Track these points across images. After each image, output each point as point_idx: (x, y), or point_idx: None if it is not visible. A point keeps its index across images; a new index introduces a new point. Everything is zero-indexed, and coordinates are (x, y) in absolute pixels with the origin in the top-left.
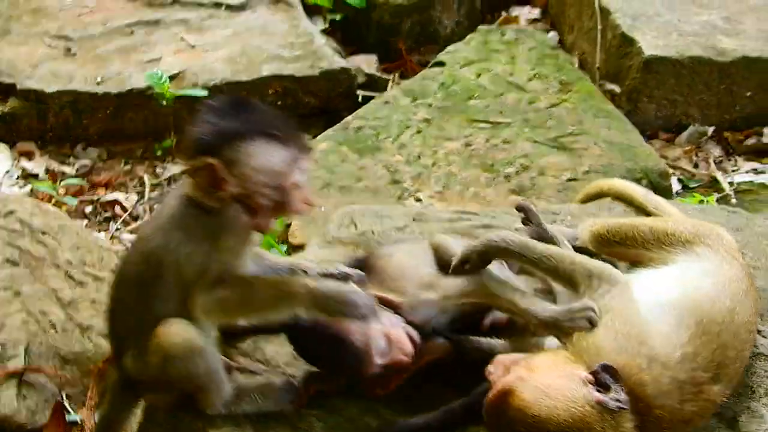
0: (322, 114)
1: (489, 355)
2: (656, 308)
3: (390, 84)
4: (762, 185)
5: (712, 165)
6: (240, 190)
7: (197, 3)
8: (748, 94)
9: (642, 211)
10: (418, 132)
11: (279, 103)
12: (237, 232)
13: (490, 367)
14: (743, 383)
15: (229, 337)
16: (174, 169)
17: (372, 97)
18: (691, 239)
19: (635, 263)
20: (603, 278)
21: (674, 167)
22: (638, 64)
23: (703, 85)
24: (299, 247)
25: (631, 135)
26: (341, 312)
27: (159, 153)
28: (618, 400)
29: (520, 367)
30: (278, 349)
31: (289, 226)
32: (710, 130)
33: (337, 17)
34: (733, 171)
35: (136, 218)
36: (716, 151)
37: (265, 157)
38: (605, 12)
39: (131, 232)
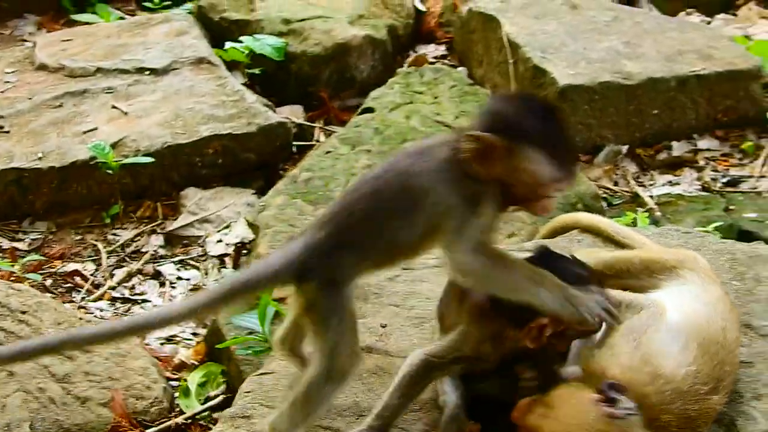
0: (262, 168)
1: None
2: (668, 332)
3: (317, 131)
4: (679, 196)
5: (631, 181)
6: (501, 175)
7: (120, 69)
8: (655, 112)
9: (611, 240)
10: None
11: (219, 161)
12: (493, 205)
13: (516, 413)
14: (734, 390)
15: None
16: (126, 235)
17: (305, 147)
18: (676, 265)
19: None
20: (631, 307)
21: (597, 186)
22: (553, 94)
23: (614, 107)
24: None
25: None
26: (578, 315)
27: (107, 221)
28: (626, 408)
29: (539, 406)
30: None
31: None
32: (624, 148)
33: (257, 71)
34: (651, 185)
35: (97, 286)
36: (632, 168)
37: (537, 165)
38: (514, 46)
39: (95, 300)
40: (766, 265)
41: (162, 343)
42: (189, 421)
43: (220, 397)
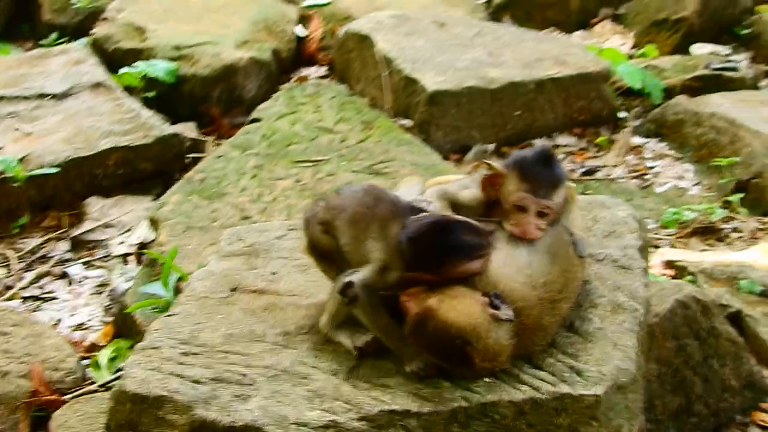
0: (158, 176)
1: None
2: (531, 250)
3: (208, 145)
4: None
5: None
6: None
7: (22, 96)
8: (517, 113)
9: None
10: (254, 176)
11: (119, 171)
12: None
13: (405, 297)
14: (576, 302)
15: None
16: (34, 242)
17: (198, 159)
18: None
19: None
20: None
21: None
22: (424, 99)
23: (480, 110)
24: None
25: (432, 156)
26: None
27: (15, 231)
28: (507, 315)
29: (437, 295)
30: None
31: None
32: (491, 147)
33: (151, 94)
34: None
35: (9, 288)
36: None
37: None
38: (387, 60)
39: (8, 300)
40: (602, 209)
41: (73, 330)
42: (102, 389)
43: None
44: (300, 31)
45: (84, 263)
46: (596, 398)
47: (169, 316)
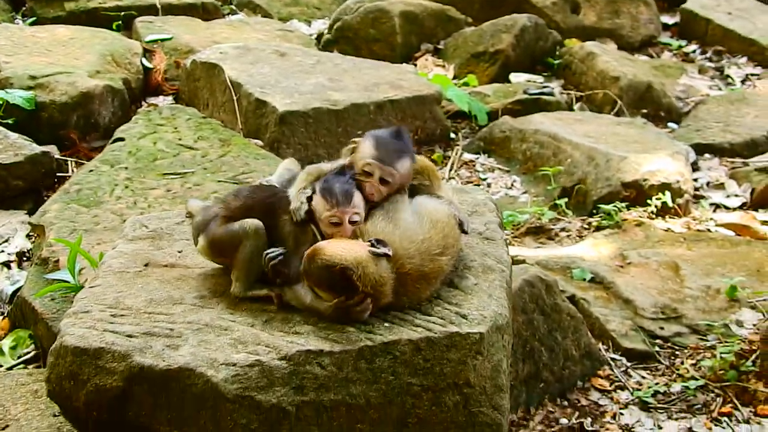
0: (30, 193)
1: None
2: (412, 214)
3: (71, 165)
4: None
5: None
6: None
7: None
8: (359, 132)
9: None
10: (126, 187)
11: None
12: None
13: (309, 250)
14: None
15: None
16: None
17: (63, 178)
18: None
19: None
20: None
21: None
22: (275, 120)
23: (325, 129)
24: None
25: None
26: None
27: None
28: (385, 250)
29: (325, 241)
30: None
31: None
32: None
33: (10, 121)
34: None
35: None
36: None
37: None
38: (236, 86)
39: None
40: (463, 193)
41: None
42: (9, 370)
43: (32, 353)
44: (145, 62)
45: None
46: (480, 335)
47: (92, 287)
